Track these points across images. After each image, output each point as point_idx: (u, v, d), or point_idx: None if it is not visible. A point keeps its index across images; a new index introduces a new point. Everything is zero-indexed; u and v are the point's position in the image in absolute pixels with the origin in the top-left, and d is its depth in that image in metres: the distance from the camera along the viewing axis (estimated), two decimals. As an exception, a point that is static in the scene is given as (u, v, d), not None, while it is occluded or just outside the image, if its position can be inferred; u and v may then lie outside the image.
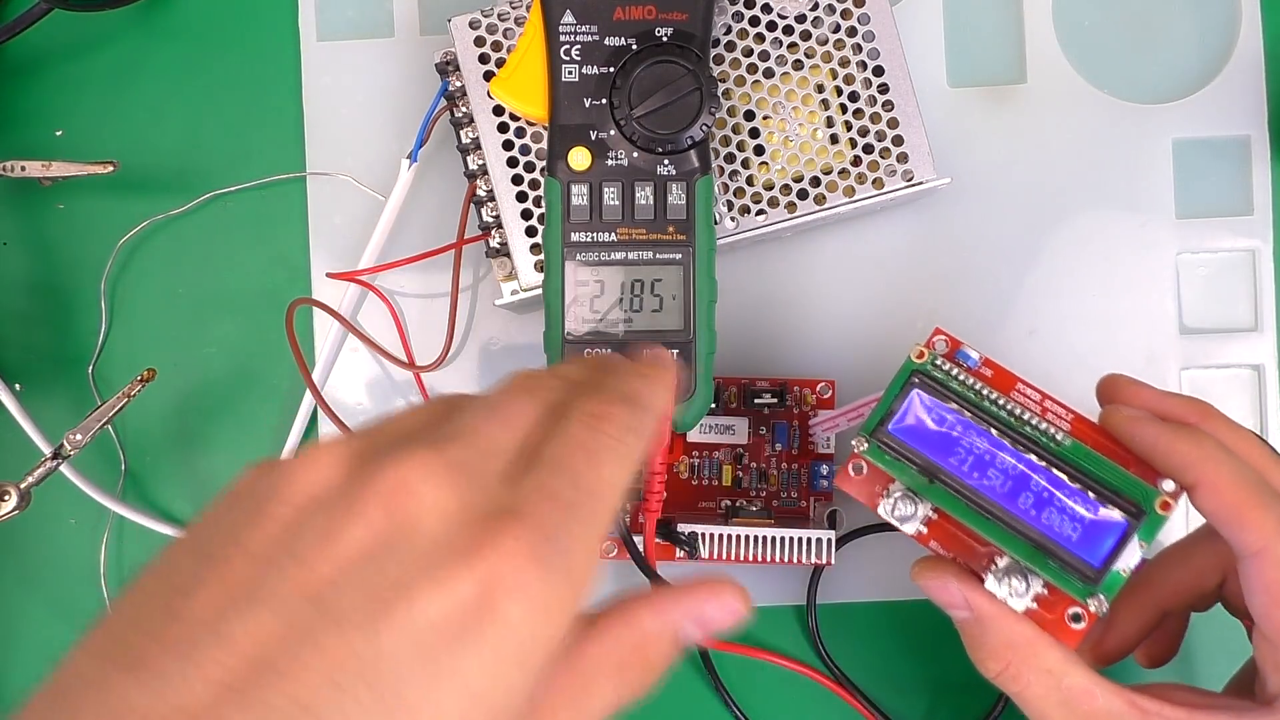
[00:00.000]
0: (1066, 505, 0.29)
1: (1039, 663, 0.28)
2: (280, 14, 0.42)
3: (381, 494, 0.21)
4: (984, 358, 0.31)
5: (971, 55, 0.42)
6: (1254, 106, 0.41)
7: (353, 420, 0.41)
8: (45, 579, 0.43)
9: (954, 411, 0.30)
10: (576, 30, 0.35)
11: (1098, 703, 0.28)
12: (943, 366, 0.31)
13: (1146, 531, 0.29)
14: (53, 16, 0.41)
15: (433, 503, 0.21)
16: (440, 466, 0.21)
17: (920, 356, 0.31)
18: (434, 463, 0.21)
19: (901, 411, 0.31)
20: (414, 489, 0.21)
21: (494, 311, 0.41)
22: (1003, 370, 0.31)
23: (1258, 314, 0.41)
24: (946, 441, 0.30)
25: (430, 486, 0.21)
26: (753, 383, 0.40)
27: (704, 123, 0.34)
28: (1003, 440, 0.30)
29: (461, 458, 0.22)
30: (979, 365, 0.31)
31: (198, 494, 0.43)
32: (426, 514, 0.21)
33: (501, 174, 0.37)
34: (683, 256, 0.35)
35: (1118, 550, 0.28)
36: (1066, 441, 0.30)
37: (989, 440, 0.30)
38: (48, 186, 0.42)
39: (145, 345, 0.43)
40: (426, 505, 0.21)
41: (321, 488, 0.21)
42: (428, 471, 0.21)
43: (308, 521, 0.21)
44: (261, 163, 0.42)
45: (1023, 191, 0.41)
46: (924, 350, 0.31)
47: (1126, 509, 0.29)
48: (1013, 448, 0.30)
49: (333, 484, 0.21)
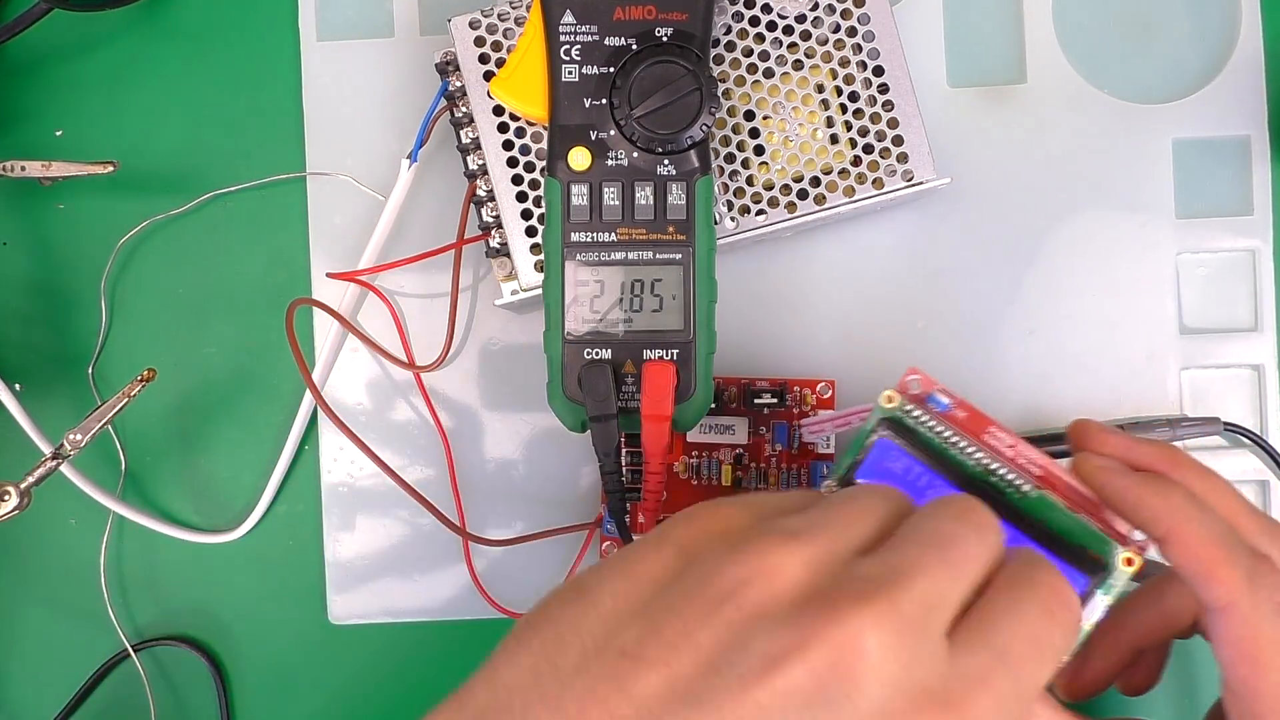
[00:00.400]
0: None
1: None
2: (280, 14, 0.42)
3: (832, 645, 0.21)
4: (957, 400, 0.31)
5: (971, 55, 0.42)
6: (1254, 106, 0.41)
7: (353, 420, 0.41)
8: (45, 579, 0.43)
9: (920, 463, 0.30)
10: (576, 30, 0.35)
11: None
12: (913, 413, 0.31)
13: (1109, 586, 0.29)
14: (53, 16, 0.41)
15: (879, 666, 0.21)
16: (892, 626, 0.21)
17: (890, 401, 0.31)
18: (889, 620, 0.21)
19: (868, 460, 0.31)
20: (865, 650, 0.21)
21: (494, 311, 0.41)
22: (976, 413, 0.31)
23: (1258, 314, 0.41)
24: (911, 491, 0.29)
25: (879, 647, 0.21)
26: (753, 383, 0.40)
27: (704, 123, 0.34)
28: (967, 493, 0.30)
29: (914, 614, 0.22)
30: (951, 409, 0.31)
31: (198, 494, 0.43)
32: (871, 679, 0.21)
33: (501, 174, 0.37)
34: (683, 256, 0.35)
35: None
36: (1033, 494, 0.30)
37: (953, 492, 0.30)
38: (48, 186, 0.42)
39: (145, 345, 0.43)
40: (873, 667, 0.21)
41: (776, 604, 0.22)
42: (881, 629, 0.21)
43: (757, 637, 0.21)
44: (261, 163, 0.42)
45: (1023, 191, 0.41)
46: (894, 395, 0.31)
47: (1088, 565, 0.29)
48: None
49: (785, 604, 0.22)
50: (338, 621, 0.42)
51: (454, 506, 0.41)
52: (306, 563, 0.42)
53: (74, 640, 0.42)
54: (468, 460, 0.42)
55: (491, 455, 0.42)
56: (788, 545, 0.22)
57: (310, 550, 0.42)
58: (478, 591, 0.41)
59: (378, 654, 0.42)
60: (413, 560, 0.42)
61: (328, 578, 0.42)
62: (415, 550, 0.42)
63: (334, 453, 0.42)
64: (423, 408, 0.41)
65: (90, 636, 0.42)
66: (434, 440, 0.41)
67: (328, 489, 0.42)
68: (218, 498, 0.43)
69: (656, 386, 0.34)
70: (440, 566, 0.42)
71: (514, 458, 0.42)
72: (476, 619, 0.41)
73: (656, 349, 0.35)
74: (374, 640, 0.42)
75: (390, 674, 0.42)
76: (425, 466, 0.42)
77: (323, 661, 0.42)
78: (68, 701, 0.42)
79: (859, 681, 0.21)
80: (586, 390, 0.35)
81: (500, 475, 0.42)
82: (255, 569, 0.42)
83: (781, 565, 0.22)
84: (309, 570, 0.42)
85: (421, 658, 0.42)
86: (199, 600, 0.43)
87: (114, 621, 0.42)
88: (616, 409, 0.35)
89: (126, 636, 0.42)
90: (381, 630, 0.42)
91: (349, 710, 0.42)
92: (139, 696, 0.42)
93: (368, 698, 0.42)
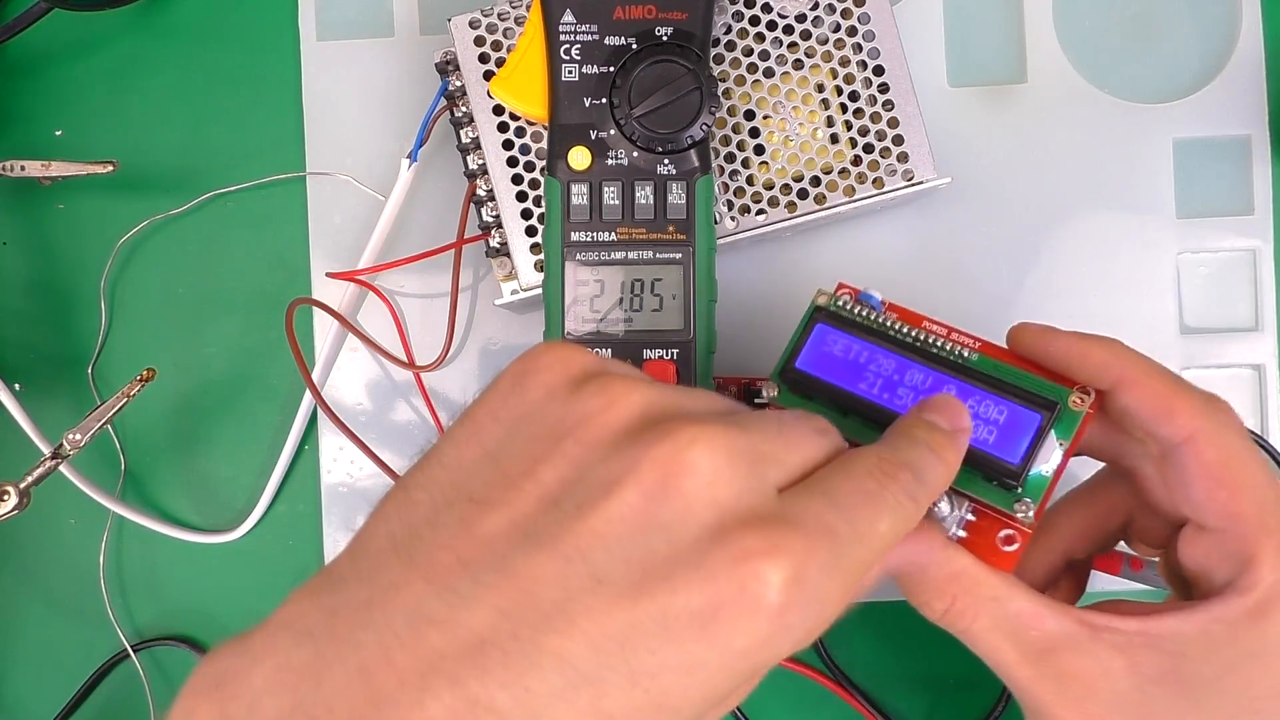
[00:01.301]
0: (979, 410, 0.28)
1: (983, 591, 0.27)
2: (280, 14, 0.42)
3: (661, 461, 0.21)
4: (888, 302, 0.31)
5: (971, 55, 0.42)
6: (1254, 106, 0.41)
7: (353, 420, 0.41)
8: (45, 579, 0.43)
9: (859, 340, 0.30)
10: (576, 30, 0.35)
11: (1047, 625, 0.27)
12: (846, 306, 0.31)
13: (1063, 429, 0.28)
14: (53, 16, 0.42)
15: (708, 484, 0.22)
16: (722, 449, 0.22)
17: (822, 296, 0.31)
18: (717, 441, 0.22)
19: (806, 346, 0.31)
20: (694, 465, 0.22)
21: (494, 311, 0.41)
22: (908, 311, 0.31)
23: (1258, 314, 0.41)
24: (854, 369, 0.30)
25: (708, 464, 0.22)
26: (753, 383, 0.40)
27: (704, 122, 0.34)
28: (910, 359, 0.30)
29: (744, 448, 0.22)
30: (882, 309, 0.31)
31: (197, 494, 0.43)
32: (699, 496, 0.21)
33: (501, 174, 0.37)
34: (683, 256, 0.35)
35: (1035, 446, 0.28)
36: (974, 357, 0.30)
37: (896, 360, 0.30)
38: (48, 186, 0.42)
39: (145, 345, 0.43)
40: (701, 485, 0.21)
41: (611, 431, 0.22)
42: (710, 448, 0.22)
43: (593, 467, 0.22)
44: (261, 162, 0.42)
45: (1023, 191, 0.41)
46: (827, 294, 0.31)
47: (1039, 404, 0.28)
48: (920, 363, 0.29)
49: (621, 429, 0.22)
50: (337, 622, 0.42)
51: (454, 506, 0.41)
52: (306, 563, 0.42)
53: (73, 640, 0.42)
54: (468, 460, 0.41)
55: (491, 455, 0.42)
56: (632, 383, 0.23)
57: (310, 550, 0.42)
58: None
59: (377, 654, 0.42)
60: (412, 560, 0.42)
61: (327, 578, 0.42)
62: (415, 550, 0.42)
63: (334, 453, 0.42)
64: (423, 408, 0.41)
65: (89, 636, 0.42)
66: (434, 440, 0.41)
67: (327, 489, 0.42)
68: (217, 498, 0.43)
69: (656, 386, 0.34)
70: (440, 566, 0.42)
71: (514, 458, 0.42)
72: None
73: (656, 349, 0.35)
74: (374, 640, 0.42)
75: (390, 674, 0.42)
76: (425, 466, 0.42)
77: (322, 662, 0.42)
78: (67, 702, 0.42)
79: (689, 501, 0.21)
80: (586, 390, 0.35)
81: (500, 475, 0.42)
82: (255, 569, 0.42)
83: (624, 397, 0.23)
84: (309, 570, 0.42)
85: (421, 658, 0.42)
86: (199, 600, 0.43)
87: (113, 621, 0.42)
88: (616, 409, 0.35)
89: (126, 637, 0.42)
90: (381, 630, 0.42)
91: (349, 710, 0.42)
92: (138, 697, 0.42)
93: (367, 698, 0.42)
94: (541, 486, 0.22)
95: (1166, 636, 0.27)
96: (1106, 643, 0.27)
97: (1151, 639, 0.27)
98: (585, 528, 0.21)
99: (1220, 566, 0.28)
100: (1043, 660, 0.27)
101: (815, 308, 0.31)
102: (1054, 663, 0.27)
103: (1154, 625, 0.27)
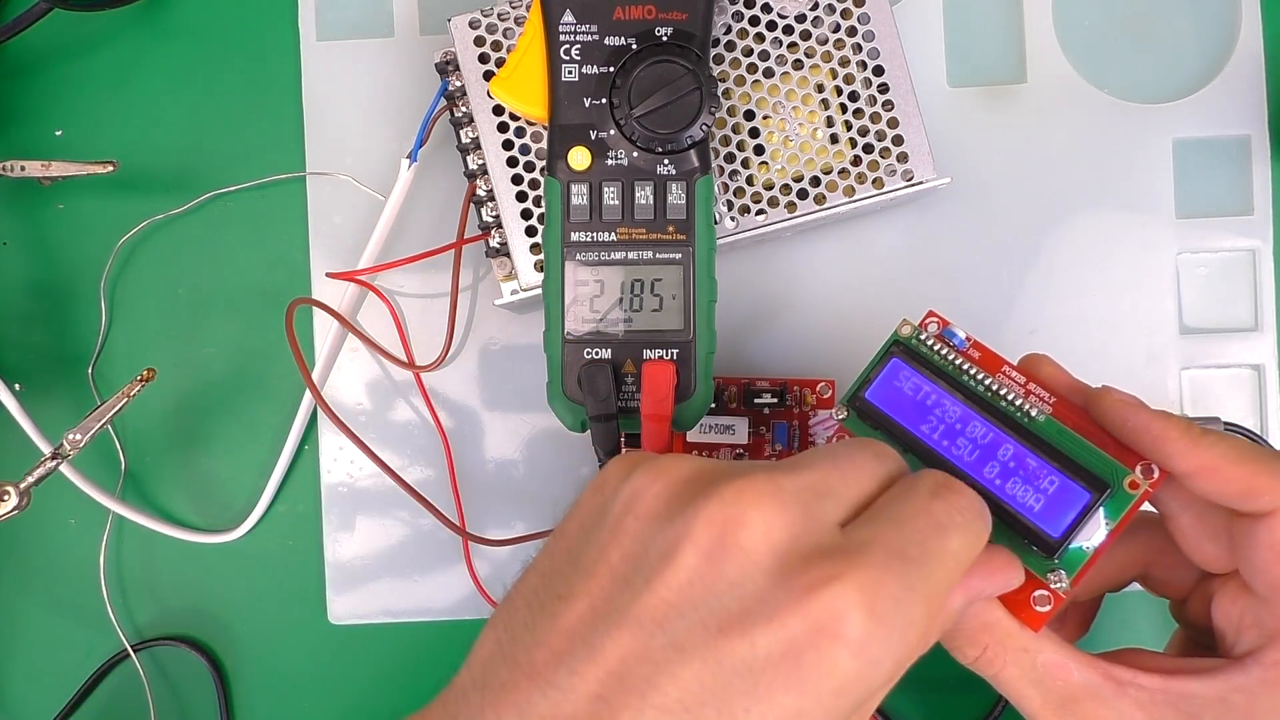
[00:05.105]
0: (1031, 476, 0.29)
1: (1014, 642, 0.28)
2: (280, 14, 0.42)
3: (714, 520, 0.22)
4: (972, 340, 0.31)
5: (971, 55, 0.42)
6: (1254, 106, 0.41)
7: (353, 420, 0.41)
8: (45, 579, 0.43)
9: (930, 382, 0.30)
10: (576, 30, 0.35)
11: (1073, 677, 0.28)
12: (927, 343, 0.31)
13: (1112, 509, 0.28)
14: (53, 16, 0.42)
15: (763, 533, 0.22)
16: (769, 495, 0.22)
17: (906, 328, 0.31)
18: (763, 489, 0.23)
19: (879, 379, 0.31)
20: (744, 516, 0.22)
21: (494, 311, 0.41)
22: (990, 353, 0.31)
23: (1258, 314, 0.41)
24: (920, 409, 0.30)
25: (758, 513, 0.22)
26: (753, 383, 0.40)
27: (704, 122, 0.34)
28: (975, 411, 0.30)
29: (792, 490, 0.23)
30: (966, 346, 0.31)
31: (197, 494, 0.43)
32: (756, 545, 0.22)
33: (501, 174, 0.37)
34: (683, 256, 0.35)
35: (1078, 523, 0.28)
36: (1041, 418, 0.30)
37: (962, 410, 0.30)
38: (48, 186, 0.42)
39: (145, 345, 0.43)
40: (757, 535, 0.22)
41: (664, 501, 0.23)
42: (757, 497, 0.22)
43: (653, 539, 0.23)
44: (261, 163, 0.42)
45: (1023, 191, 0.41)
46: (911, 325, 0.31)
47: (1092, 483, 0.28)
48: (984, 418, 0.30)
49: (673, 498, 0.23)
50: (337, 622, 0.42)
51: (454, 506, 0.41)
52: (306, 563, 0.42)
53: (73, 640, 0.42)
54: (468, 460, 0.41)
55: (491, 455, 0.42)
56: (680, 456, 0.24)
57: (310, 550, 0.42)
58: (478, 592, 0.41)
59: (377, 654, 0.42)
60: (412, 560, 0.42)
61: (327, 578, 0.42)
62: (415, 550, 0.42)
63: (334, 453, 0.42)
64: (423, 408, 0.41)
65: (90, 636, 0.42)
66: (434, 440, 0.41)
67: (327, 489, 0.42)
68: (217, 498, 0.43)
69: (656, 386, 0.34)
70: (440, 567, 0.42)
71: (514, 458, 0.42)
72: (476, 619, 0.41)
73: (656, 349, 0.35)
74: (373, 640, 0.42)
75: (390, 674, 0.42)
76: (425, 467, 0.42)
77: (322, 661, 0.42)
78: (67, 701, 0.42)
79: (747, 552, 0.22)
80: (586, 390, 0.35)
81: (500, 475, 0.42)
82: (255, 569, 0.42)
83: (671, 468, 0.24)
84: (309, 570, 0.42)
85: (421, 658, 0.42)
86: (199, 600, 0.43)
87: (113, 621, 0.42)
88: (616, 409, 0.35)
89: (126, 636, 0.42)
90: (381, 630, 0.42)
91: (348, 710, 0.42)
92: (139, 696, 0.42)
93: (367, 698, 0.42)
94: (611, 568, 0.23)
95: (1186, 697, 0.28)
96: (1130, 698, 0.28)
97: (1172, 698, 0.28)
98: (657, 599, 0.22)
99: (1249, 631, 0.28)
100: (1066, 709, 0.28)
101: (895, 339, 0.31)
102: (1077, 712, 0.28)
103: (1176, 685, 0.28)
